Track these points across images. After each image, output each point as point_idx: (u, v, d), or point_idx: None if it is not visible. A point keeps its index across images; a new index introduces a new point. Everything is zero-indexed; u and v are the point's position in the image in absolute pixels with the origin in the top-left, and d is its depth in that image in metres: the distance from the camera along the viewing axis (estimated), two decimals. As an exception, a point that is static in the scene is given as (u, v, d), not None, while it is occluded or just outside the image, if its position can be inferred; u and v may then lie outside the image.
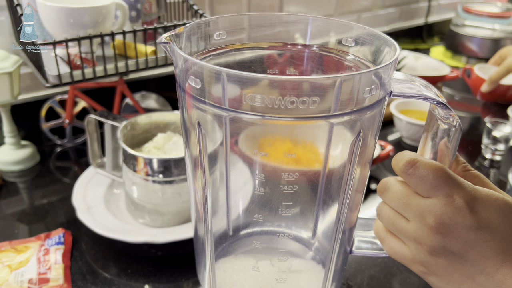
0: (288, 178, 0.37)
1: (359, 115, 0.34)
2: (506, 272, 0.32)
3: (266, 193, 0.42)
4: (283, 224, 0.44)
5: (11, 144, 0.79)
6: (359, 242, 0.43)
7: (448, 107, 0.34)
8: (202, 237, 0.43)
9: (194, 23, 0.38)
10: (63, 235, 0.62)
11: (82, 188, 0.68)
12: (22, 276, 0.54)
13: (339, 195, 0.38)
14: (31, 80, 0.84)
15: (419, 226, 0.34)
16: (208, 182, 0.39)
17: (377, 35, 0.38)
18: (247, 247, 0.46)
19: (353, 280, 0.58)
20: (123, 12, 0.72)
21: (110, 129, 0.66)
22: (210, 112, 0.34)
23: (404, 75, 0.35)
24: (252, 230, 0.46)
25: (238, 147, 0.38)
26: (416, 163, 0.34)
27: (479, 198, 0.33)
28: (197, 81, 0.32)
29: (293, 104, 0.30)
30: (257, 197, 0.41)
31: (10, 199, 0.72)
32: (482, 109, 1.13)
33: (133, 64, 0.70)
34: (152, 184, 0.60)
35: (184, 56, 0.33)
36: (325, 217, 0.44)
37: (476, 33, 1.44)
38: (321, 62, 0.43)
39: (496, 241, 0.32)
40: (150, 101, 0.95)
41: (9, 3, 0.72)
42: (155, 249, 0.61)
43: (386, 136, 0.99)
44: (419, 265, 0.35)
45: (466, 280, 0.33)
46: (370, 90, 0.32)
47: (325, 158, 0.38)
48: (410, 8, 1.56)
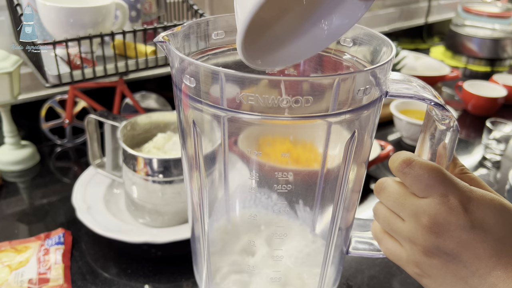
0: (285, 177, 0.37)
1: (356, 115, 0.34)
2: (499, 275, 0.31)
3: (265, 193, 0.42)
4: (280, 224, 0.44)
5: (11, 144, 0.79)
6: (356, 242, 0.43)
7: (445, 108, 0.34)
8: (198, 237, 0.43)
9: (192, 22, 0.39)
10: (63, 235, 0.62)
11: (82, 188, 0.68)
12: (22, 276, 0.55)
13: (335, 194, 0.38)
14: (31, 80, 0.84)
15: (414, 225, 0.34)
16: (204, 183, 0.39)
17: (374, 35, 0.38)
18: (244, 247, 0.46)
19: (353, 280, 0.58)
20: (123, 12, 0.72)
21: (110, 129, 0.66)
22: (207, 112, 0.34)
23: (401, 76, 0.35)
24: (249, 230, 0.46)
25: (236, 147, 0.38)
26: (411, 162, 0.34)
27: (474, 199, 0.33)
28: (193, 81, 0.32)
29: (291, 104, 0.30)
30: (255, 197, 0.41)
31: (10, 199, 0.72)
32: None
33: (133, 64, 0.71)
34: (152, 184, 0.60)
35: (180, 56, 0.33)
36: (322, 217, 0.44)
37: (476, 33, 1.44)
38: (320, 62, 0.43)
39: (490, 242, 0.32)
40: (150, 101, 0.96)
41: (9, 3, 0.72)
42: (155, 249, 0.61)
43: (386, 136, 0.99)
44: (414, 267, 0.35)
45: (459, 282, 0.33)
46: (365, 90, 0.32)
47: (323, 157, 0.38)
48: (410, 8, 1.56)
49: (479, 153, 0.93)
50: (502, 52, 1.44)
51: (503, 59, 1.46)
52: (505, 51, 1.44)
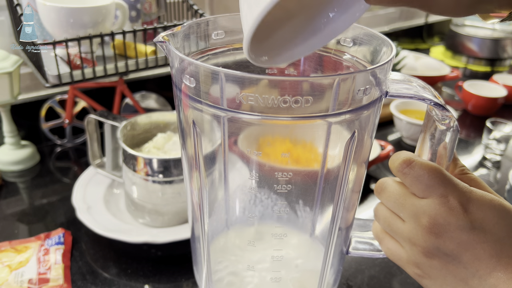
0: (285, 177, 0.37)
1: (356, 115, 0.34)
2: (499, 276, 0.31)
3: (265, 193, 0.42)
4: (280, 224, 0.44)
5: (11, 144, 0.79)
6: (356, 242, 0.43)
7: (445, 108, 0.34)
8: (198, 237, 0.43)
9: (192, 22, 0.38)
10: (63, 235, 0.62)
11: (82, 188, 0.68)
12: (22, 276, 0.55)
13: (335, 194, 0.38)
14: (31, 80, 0.84)
15: (414, 226, 0.34)
16: (204, 183, 0.39)
17: (374, 35, 0.38)
18: (243, 247, 0.46)
19: (353, 280, 0.58)
20: (123, 12, 0.72)
21: (110, 129, 0.66)
22: (207, 112, 0.34)
23: (402, 76, 0.35)
24: (249, 230, 0.46)
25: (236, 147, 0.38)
26: (411, 162, 0.34)
27: (474, 199, 0.33)
28: (192, 81, 0.32)
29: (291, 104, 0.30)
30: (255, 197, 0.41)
31: (10, 199, 0.72)
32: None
33: (133, 64, 0.71)
34: (152, 184, 0.60)
35: (180, 56, 0.33)
36: (322, 217, 0.44)
37: (476, 33, 1.44)
38: (320, 62, 0.43)
39: (490, 243, 0.32)
40: (150, 101, 0.96)
41: (9, 3, 0.72)
42: (155, 249, 0.61)
43: (386, 136, 0.99)
44: (414, 267, 0.35)
45: (459, 283, 0.33)
46: (365, 90, 0.32)
47: (323, 157, 0.38)
48: (410, 8, 1.56)
49: (479, 153, 0.93)
50: (502, 52, 1.44)
51: (503, 59, 1.46)
52: (505, 51, 1.44)
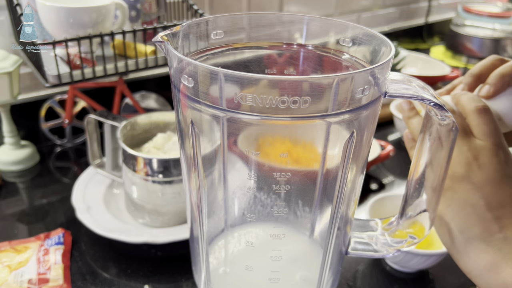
0: (284, 177, 0.37)
1: (355, 115, 0.33)
2: None
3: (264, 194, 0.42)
4: (278, 224, 0.44)
5: (11, 144, 0.79)
6: (355, 243, 0.43)
7: (445, 109, 0.34)
8: (197, 238, 0.43)
9: (191, 22, 0.38)
10: (62, 235, 0.62)
11: (82, 188, 0.68)
12: (21, 276, 0.55)
13: (334, 194, 0.38)
14: (31, 80, 0.84)
15: None
16: (203, 184, 0.39)
17: (373, 35, 0.38)
18: (242, 247, 0.46)
19: (353, 280, 0.58)
20: (123, 12, 0.72)
21: (109, 129, 0.66)
22: (206, 112, 0.34)
23: (401, 76, 0.35)
24: (248, 230, 0.46)
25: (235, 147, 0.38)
26: (489, 110, 0.39)
27: None
28: (191, 81, 0.32)
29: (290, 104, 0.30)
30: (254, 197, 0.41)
31: (9, 199, 0.72)
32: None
33: (133, 64, 0.71)
34: (151, 184, 0.60)
35: (178, 55, 0.32)
36: (321, 217, 0.44)
37: (476, 33, 1.44)
38: (319, 62, 0.43)
39: None
40: (150, 101, 0.96)
41: (9, 3, 0.72)
42: (154, 249, 0.61)
43: (386, 136, 0.99)
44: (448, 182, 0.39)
45: (466, 207, 0.36)
46: (364, 90, 0.32)
47: (322, 157, 0.38)
48: (410, 8, 1.56)
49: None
50: (502, 52, 1.44)
51: (503, 59, 1.45)
52: (505, 51, 1.44)
